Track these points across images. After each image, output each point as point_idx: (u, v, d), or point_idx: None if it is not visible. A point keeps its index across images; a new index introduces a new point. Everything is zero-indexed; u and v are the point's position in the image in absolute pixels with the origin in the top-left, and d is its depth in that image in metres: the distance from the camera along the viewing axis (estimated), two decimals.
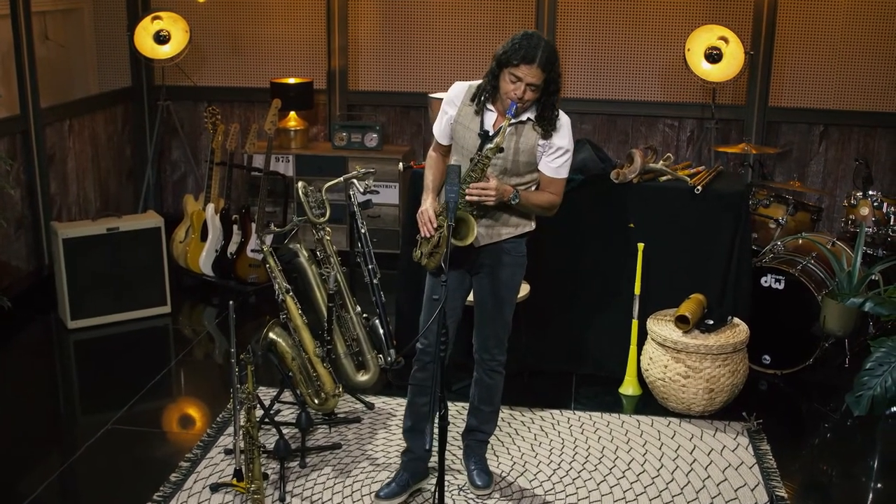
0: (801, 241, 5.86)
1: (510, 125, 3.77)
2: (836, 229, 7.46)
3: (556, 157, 3.90)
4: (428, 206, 3.94)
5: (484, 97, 3.87)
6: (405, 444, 4.30)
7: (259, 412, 4.50)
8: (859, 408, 3.92)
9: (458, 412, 4.87)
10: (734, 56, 6.87)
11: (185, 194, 7.47)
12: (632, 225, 5.26)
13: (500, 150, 3.76)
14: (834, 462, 4.72)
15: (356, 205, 5.20)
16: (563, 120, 3.90)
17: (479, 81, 3.91)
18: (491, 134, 3.84)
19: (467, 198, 3.77)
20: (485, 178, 3.78)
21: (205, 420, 4.97)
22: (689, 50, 6.95)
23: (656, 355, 5.04)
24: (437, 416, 3.44)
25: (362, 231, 5.13)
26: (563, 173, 3.96)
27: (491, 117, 3.89)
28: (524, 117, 3.84)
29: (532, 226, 4.08)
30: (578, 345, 5.48)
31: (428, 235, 3.89)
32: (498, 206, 3.88)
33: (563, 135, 3.89)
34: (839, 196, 7.46)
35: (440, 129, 4.06)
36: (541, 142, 3.86)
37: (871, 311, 4.30)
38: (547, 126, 3.84)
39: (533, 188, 3.98)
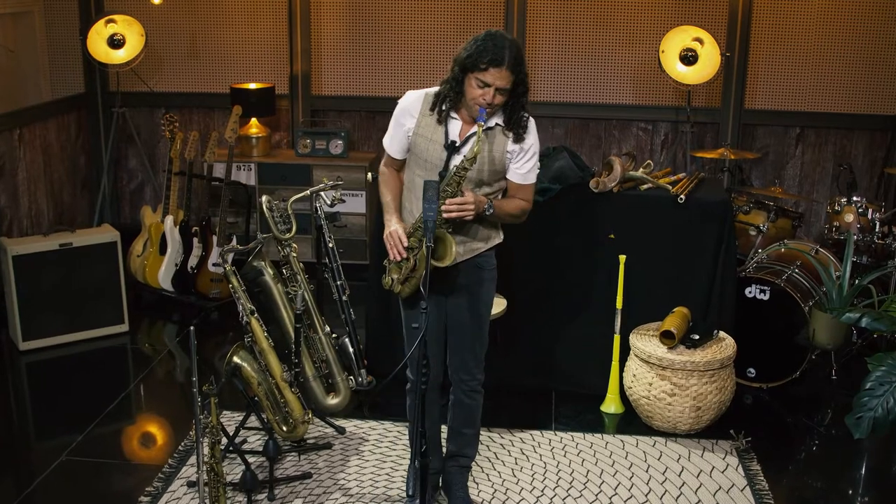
0: (783, 250, 5.68)
1: (491, 129, 3.55)
2: (812, 233, 7.32)
3: (525, 162, 3.70)
4: (395, 227, 3.68)
5: (446, 105, 3.63)
6: None
7: (223, 440, 4.23)
8: (860, 430, 3.72)
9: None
10: (710, 57, 6.69)
11: (142, 205, 7.19)
12: (612, 236, 5.06)
13: (474, 161, 3.53)
14: (826, 481, 4.53)
15: (323, 218, 4.95)
16: (531, 122, 3.70)
17: (436, 89, 3.67)
18: (458, 144, 3.61)
19: (444, 215, 3.53)
20: (460, 192, 3.55)
21: (166, 449, 4.68)
22: (663, 51, 6.76)
23: (640, 372, 4.83)
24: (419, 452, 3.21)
25: (330, 245, 4.88)
26: (533, 178, 3.77)
27: (456, 126, 3.65)
28: (492, 123, 3.62)
29: (501, 237, 3.89)
30: (558, 361, 5.26)
31: (399, 259, 3.64)
32: (471, 220, 3.66)
33: (532, 137, 3.69)
34: (817, 200, 7.32)
35: (395, 143, 3.79)
36: (510, 147, 3.64)
37: (868, 327, 4.11)
38: (518, 129, 3.63)
39: (500, 196, 3.76)
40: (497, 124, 3.63)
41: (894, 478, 4.66)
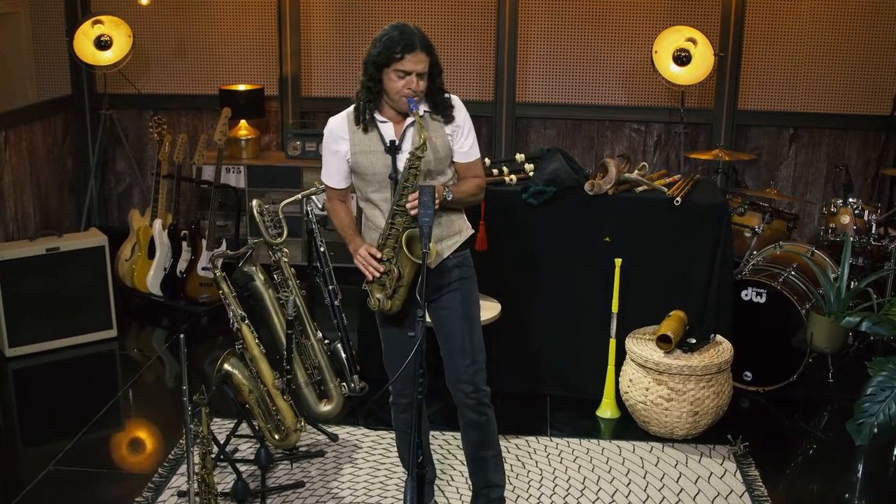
0: (779, 252, 5.63)
1: (421, 117, 3.47)
2: (806, 234, 7.28)
3: (464, 140, 3.63)
4: (362, 248, 3.58)
5: (368, 112, 3.55)
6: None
7: (214, 448, 4.15)
8: (861, 436, 3.65)
9: (441, 445, 4.52)
10: (703, 58, 6.64)
11: (130, 208, 7.12)
12: (608, 239, 4.99)
13: (425, 148, 3.44)
14: (825, 486, 4.47)
15: (315, 222, 4.88)
16: (455, 100, 3.64)
17: (352, 105, 3.60)
18: (398, 143, 3.54)
19: (411, 212, 3.43)
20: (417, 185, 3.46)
21: (156, 457, 4.60)
22: (656, 52, 6.70)
23: (637, 377, 4.77)
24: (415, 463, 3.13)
25: (322, 250, 4.81)
26: (476, 153, 3.69)
27: (388, 128, 3.57)
28: (420, 111, 3.52)
29: (471, 228, 3.79)
30: (552, 365, 5.20)
31: (376, 275, 3.55)
32: (437, 209, 3.51)
33: (462, 113, 3.64)
34: (812, 202, 7.27)
35: (334, 173, 3.69)
36: (448, 130, 3.59)
37: (869, 331, 4.05)
38: (445, 110, 3.58)
39: (454, 182, 3.69)
40: (425, 111, 3.57)
41: (892, 482, 4.61)
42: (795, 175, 7.31)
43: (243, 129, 7.18)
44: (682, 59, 6.62)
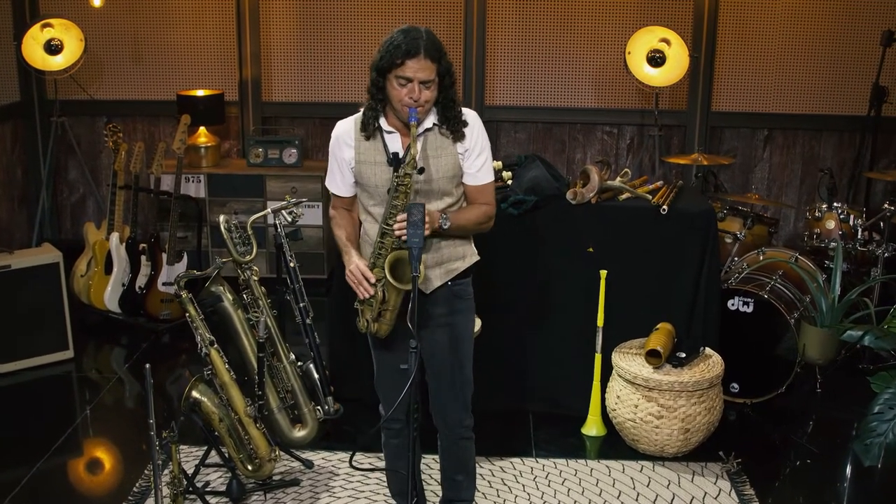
0: (761, 258, 5.47)
1: (419, 134, 3.24)
2: (783, 238, 7.15)
3: (474, 160, 3.38)
4: (355, 263, 3.34)
5: (374, 120, 3.32)
6: None
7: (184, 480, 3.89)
8: (870, 457, 3.49)
9: (423, 469, 4.29)
10: (678, 59, 6.47)
11: (84, 219, 6.85)
12: (591, 249, 4.80)
13: (419, 167, 3.23)
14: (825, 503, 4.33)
15: (283, 236, 4.62)
16: (470, 116, 3.38)
17: (362, 110, 3.37)
18: (402, 156, 3.29)
19: (396, 233, 3.22)
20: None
21: (121, 489, 4.30)
22: (629, 53, 6.53)
23: (624, 393, 4.57)
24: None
25: (291, 265, 4.56)
26: (487, 176, 3.43)
27: (394, 139, 3.33)
28: (428, 124, 3.31)
29: (476, 255, 3.56)
30: (534, 382, 4.99)
31: (368, 295, 3.32)
32: (432, 236, 3.31)
33: (475, 132, 3.37)
34: (792, 205, 7.14)
35: (339, 180, 3.46)
36: (459, 148, 3.34)
37: (873, 346, 3.89)
38: (455, 126, 3.32)
39: (463, 204, 3.46)
40: (434, 124, 3.33)
41: (887, 493, 4.46)
42: (770, 177, 7.18)
43: (202, 136, 6.90)
44: (656, 59, 6.45)
